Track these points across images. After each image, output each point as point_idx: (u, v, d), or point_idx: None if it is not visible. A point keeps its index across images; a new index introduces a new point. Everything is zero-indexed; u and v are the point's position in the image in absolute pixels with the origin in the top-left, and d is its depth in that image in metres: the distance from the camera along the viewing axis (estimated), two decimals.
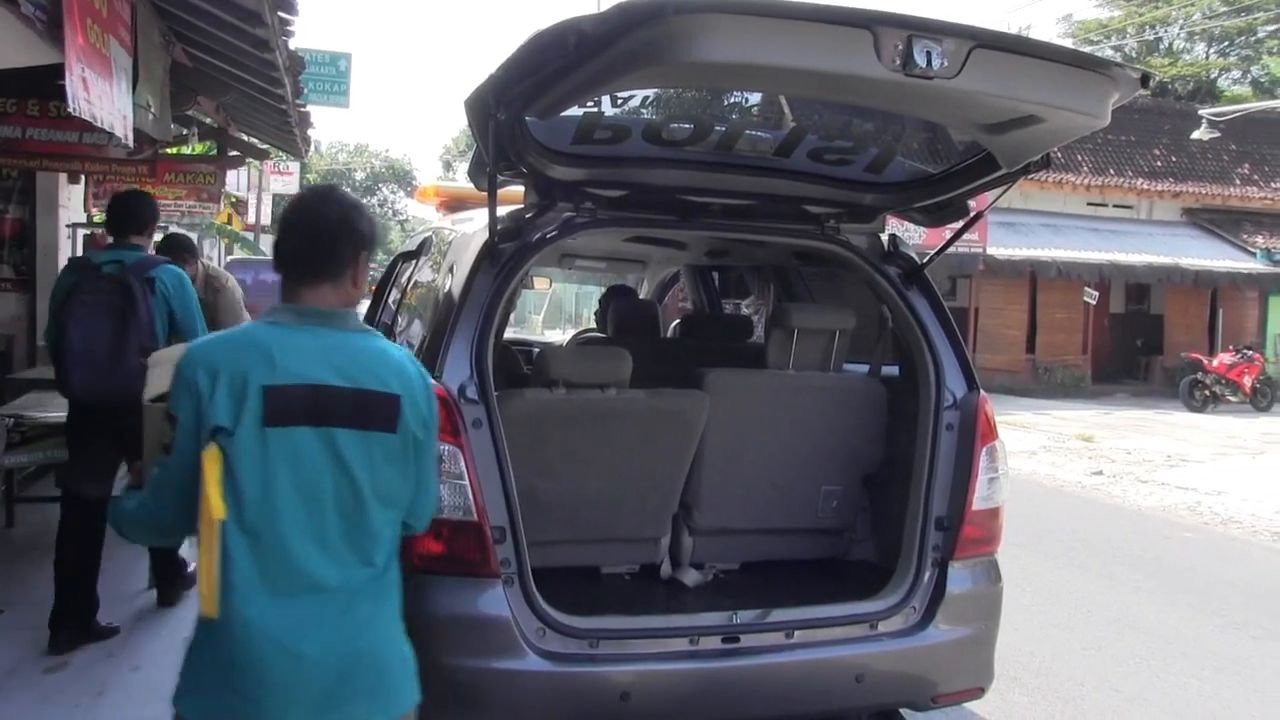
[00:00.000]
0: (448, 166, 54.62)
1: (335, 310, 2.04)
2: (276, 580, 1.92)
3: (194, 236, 18.05)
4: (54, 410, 5.39)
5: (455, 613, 2.84)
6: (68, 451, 4.54)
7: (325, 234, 2.04)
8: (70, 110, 3.44)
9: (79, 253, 9.80)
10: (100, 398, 4.12)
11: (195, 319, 4.45)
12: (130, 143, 4.26)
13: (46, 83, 5.16)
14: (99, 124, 3.67)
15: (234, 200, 16.58)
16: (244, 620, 1.89)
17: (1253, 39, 34.00)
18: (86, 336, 4.08)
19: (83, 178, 9.18)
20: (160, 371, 2.45)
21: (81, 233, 9.95)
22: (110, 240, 4.61)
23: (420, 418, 2.06)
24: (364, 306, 6.95)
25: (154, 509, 2.04)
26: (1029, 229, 20.58)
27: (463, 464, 2.82)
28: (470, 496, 2.82)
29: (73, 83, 3.37)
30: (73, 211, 9.93)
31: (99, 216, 11.02)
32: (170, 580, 4.78)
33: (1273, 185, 23.04)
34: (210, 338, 2.06)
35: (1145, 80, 2.64)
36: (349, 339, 2.04)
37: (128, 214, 4.52)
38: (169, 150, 9.20)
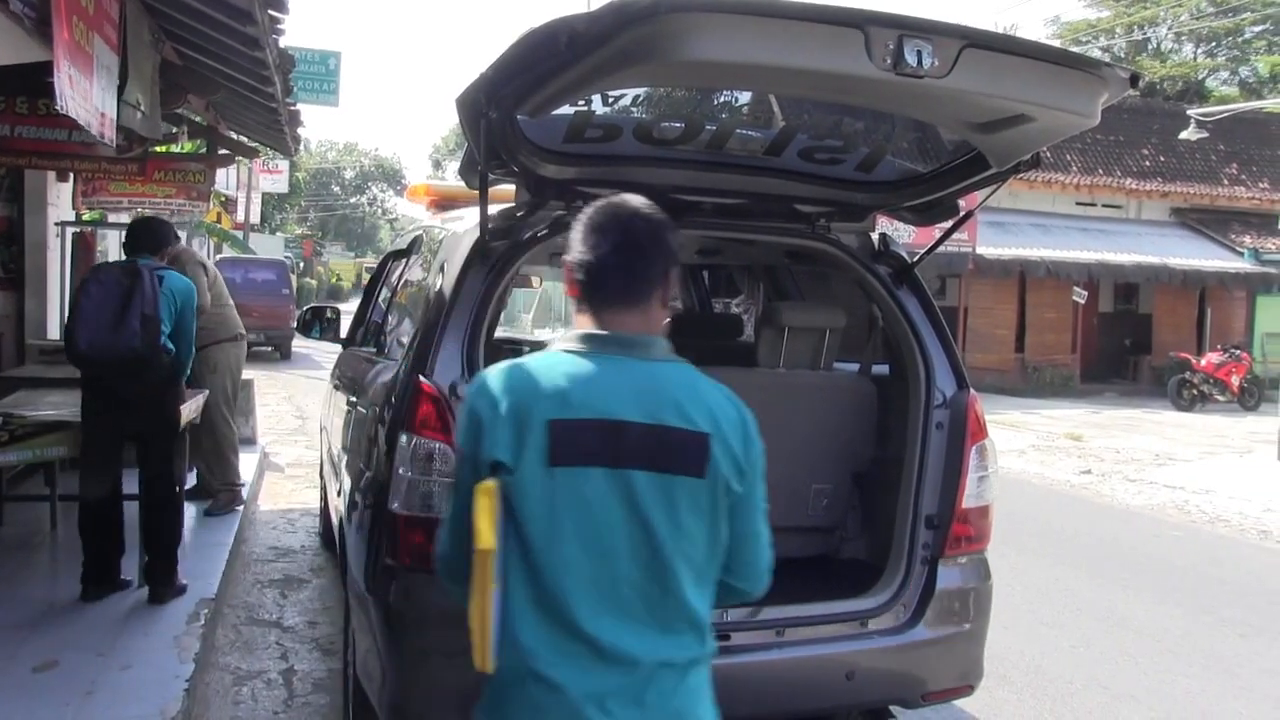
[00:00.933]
0: (437, 165, 54.55)
1: (640, 337, 1.80)
2: (565, 641, 1.68)
3: (183, 235, 18.02)
4: (44, 408, 5.37)
5: (446, 610, 2.82)
6: (80, 449, 4.88)
7: (636, 252, 1.81)
8: (58, 108, 3.43)
9: (68, 251, 9.76)
10: (104, 354, 4.50)
11: (190, 329, 4.95)
12: (112, 141, 4.24)
13: (35, 80, 5.14)
14: (81, 122, 3.66)
15: (223, 199, 16.53)
16: (534, 682, 1.68)
17: (1240, 39, 34.19)
18: (95, 305, 4.55)
19: (71, 176, 9.14)
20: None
21: (70, 231, 9.90)
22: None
23: (734, 462, 1.76)
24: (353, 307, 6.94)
25: (444, 549, 1.86)
26: (1018, 228, 20.64)
27: (454, 462, 2.81)
28: None
29: (60, 80, 3.35)
30: (61, 210, 9.88)
31: (88, 214, 10.97)
32: (161, 580, 4.79)
33: (1260, 185, 23.16)
34: (500, 367, 1.81)
35: (1134, 80, 2.65)
36: (655, 369, 1.79)
37: (145, 234, 5.06)
38: (158, 148, 9.15)
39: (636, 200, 1.88)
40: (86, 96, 3.74)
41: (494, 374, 1.79)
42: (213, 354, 6.52)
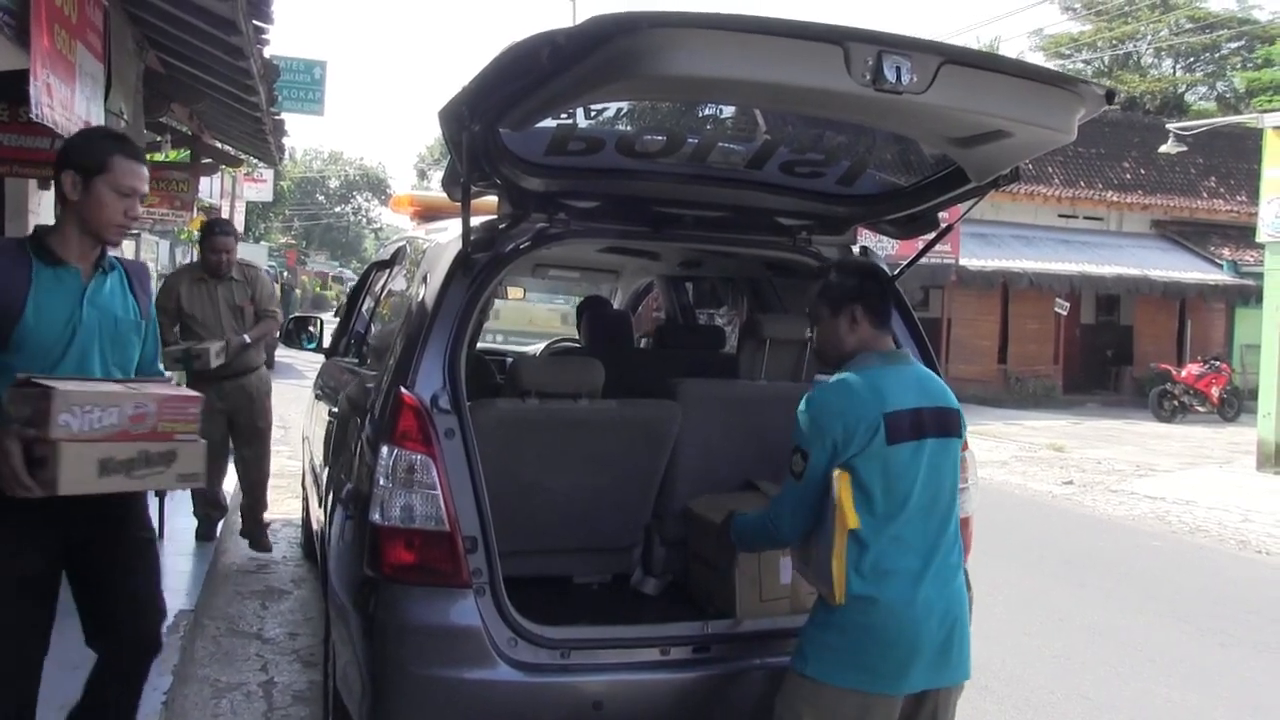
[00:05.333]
0: (422, 175, 54.46)
1: (902, 350, 2.92)
2: (894, 565, 2.52)
3: (166, 244, 17.92)
4: None
5: (426, 622, 2.83)
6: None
7: (890, 287, 2.89)
8: (33, 116, 3.42)
9: None
10: None
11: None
12: None
13: (16, 88, 5.11)
14: (59, 130, 3.64)
15: (207, 207, 16.43)
16: (872, 599, 2.50)
17: (1217, 55, 34.58)
18: None
19: (53, 184, 9.09)
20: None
21: None
22: None
23: (965, 427, 2.77)
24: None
25: (774, 523, 2.73)
26: (1001, 240, 20.77)
27: (435, 474, 2.81)
28: (442, 506, 2.81)
29: (37, 88, 3.34)
30: (42, 217, 9.78)
31: None
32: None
33: (1238, 198, 23.36)
34: (830, 387, 2.63)
35: (1110, 97, 2.68)
36: (915, 369, 2.75)
37: None
38: None
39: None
40: (68, 104, 3.73)
41: (833, 397, 2.59)
42: None
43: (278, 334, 6.02)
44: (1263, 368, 12.25)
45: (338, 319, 6.34)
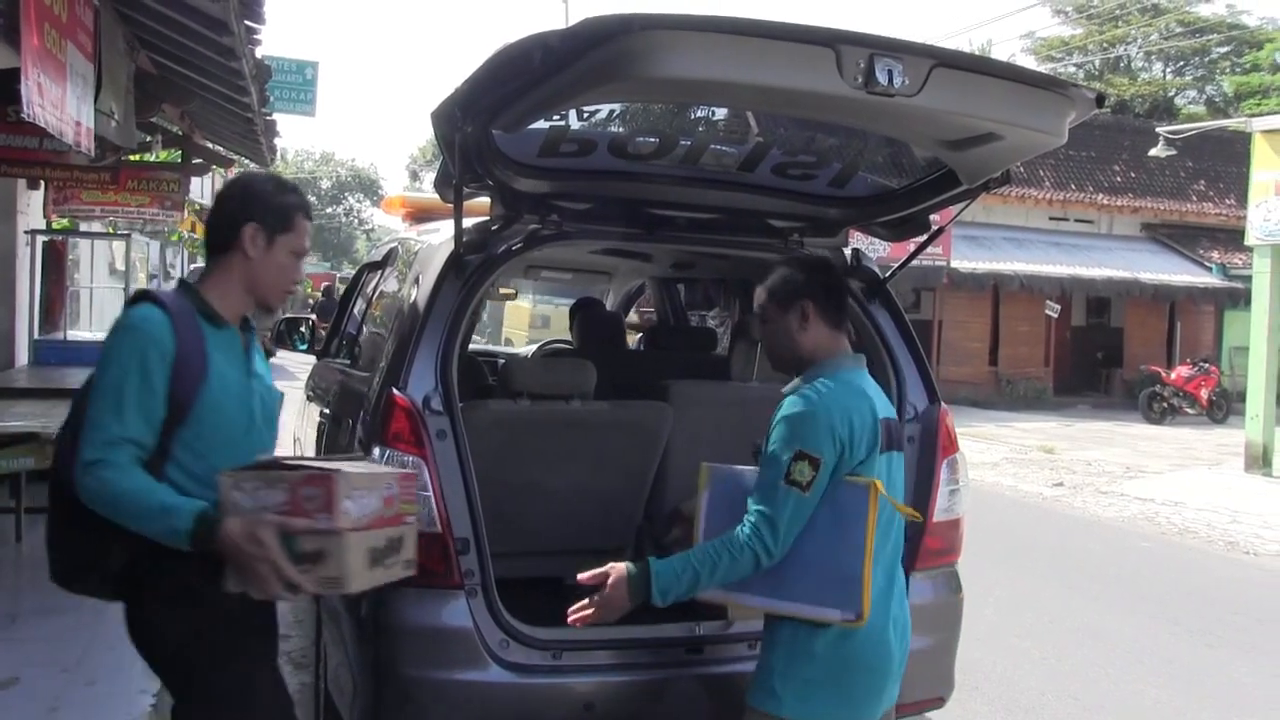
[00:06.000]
0: (414, 176, 54.31)
1: (861, 355, 2.66)
2: (872, 584, 2.38)
3: (157, 244, 17.87)
4: (11, 419, 5.31)
5: (418, 624, 2.83)
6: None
7: (843, 282, 2.75)
8: (24, 115, 3.40)
9: (38, 260, 9.64)
10: None
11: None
12: (89, 150, 4.21)
13: (5, 87, 5.10)
14: (50, 130, 3.63)
15: (198, 208, 16.41)
16: (871, 622, 2.37)
17: (1207, 59, 34.75)
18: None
19: (43, 184, 9.07)
20: None
21: (41, 239, 9.81)
22: None
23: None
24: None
25: (764, 547, 2.37)
26: (992, 242, 20.82)
27: (427, 475, 2.81)
28: (434, 508, 2.81)
29: (28, 87, 3.33)
30: (32, 218, 9.80)
31: (58, 223, 10.88)
32: None
33: (1227, 201, 23.46)
34: (827, 389, 2.43)
35: (1100, 100, 2.69)
36: (870, 377, 2.60)
37: None
38: (132, 157, 9.10)
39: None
40: (59, 104, 3.71)
41: (835, 399, 2.40)
42: None
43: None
44: (1251, 370, 12.30)
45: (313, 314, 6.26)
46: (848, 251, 3.70)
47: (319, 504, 1.98)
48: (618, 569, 2.50)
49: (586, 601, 2.53)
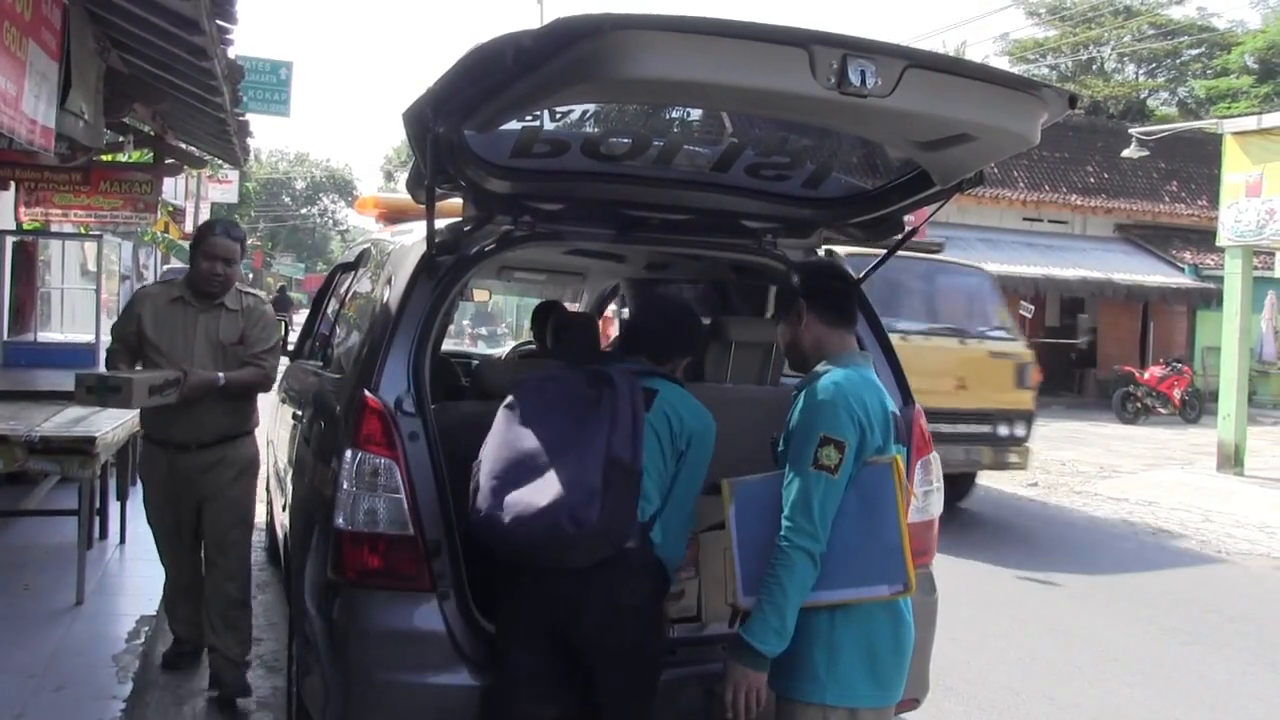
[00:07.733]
0: (389, 176, 54.12)
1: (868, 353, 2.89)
2: None
3: (129, 245, 17.68)
4: None
5: (390, 627, 2.81)
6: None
7: (846, 284, 2.78)
8: None
9: (8, 260, 9.52)
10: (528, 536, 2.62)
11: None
12: (50, 151, 4.14)
13: None
14: (2, 129, 3.57)
15: (171, 209, 16.28)
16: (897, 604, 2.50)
17: (1178, 61, 35.12)
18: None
19: (13, 185, 8.96)
20: None
21: (10, 240, 9.69)
22: None
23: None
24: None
25: (810, 538, 2.38)
26: (966, 243, 20.90)
27: (399, 477, 2.79)
28: (406, 510, 2.79)
29: None
30: (2, 219, 9.67)
31: (29, 223, 10.75)
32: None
33: (1199, 202, 23.70)
34: (841, 377, 2.49)
35: (1073, 101, 2.71)
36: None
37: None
38: (104, 158, 9.00)
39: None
40: (13, 103, 3.66)
41: (852, 387, 2.46)
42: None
43: (265, 388, 4.30)
44: (1223, 370, 12.41)
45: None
46: (821, 252, 3.70)
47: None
48: (735, 678, 2.50)
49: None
